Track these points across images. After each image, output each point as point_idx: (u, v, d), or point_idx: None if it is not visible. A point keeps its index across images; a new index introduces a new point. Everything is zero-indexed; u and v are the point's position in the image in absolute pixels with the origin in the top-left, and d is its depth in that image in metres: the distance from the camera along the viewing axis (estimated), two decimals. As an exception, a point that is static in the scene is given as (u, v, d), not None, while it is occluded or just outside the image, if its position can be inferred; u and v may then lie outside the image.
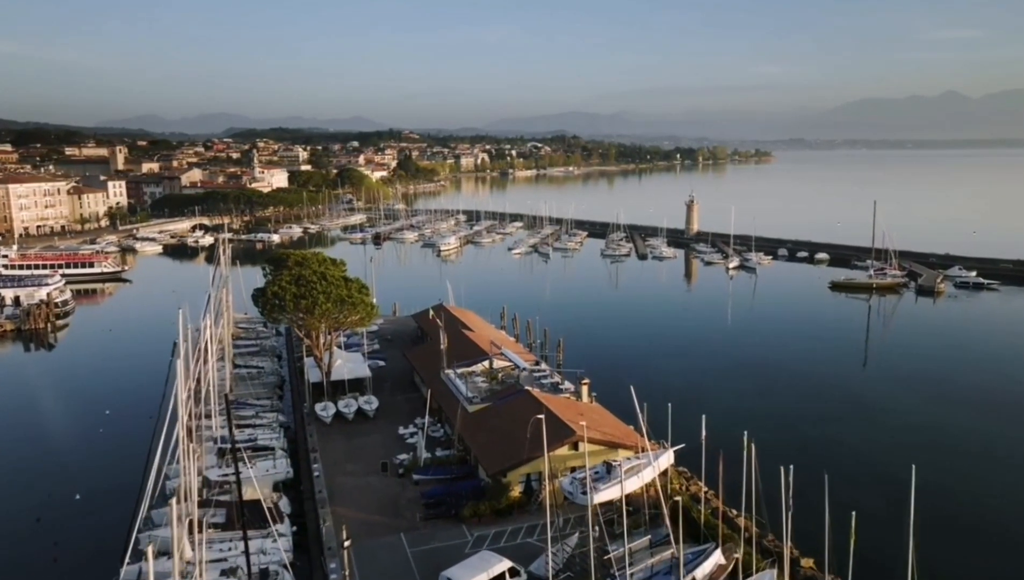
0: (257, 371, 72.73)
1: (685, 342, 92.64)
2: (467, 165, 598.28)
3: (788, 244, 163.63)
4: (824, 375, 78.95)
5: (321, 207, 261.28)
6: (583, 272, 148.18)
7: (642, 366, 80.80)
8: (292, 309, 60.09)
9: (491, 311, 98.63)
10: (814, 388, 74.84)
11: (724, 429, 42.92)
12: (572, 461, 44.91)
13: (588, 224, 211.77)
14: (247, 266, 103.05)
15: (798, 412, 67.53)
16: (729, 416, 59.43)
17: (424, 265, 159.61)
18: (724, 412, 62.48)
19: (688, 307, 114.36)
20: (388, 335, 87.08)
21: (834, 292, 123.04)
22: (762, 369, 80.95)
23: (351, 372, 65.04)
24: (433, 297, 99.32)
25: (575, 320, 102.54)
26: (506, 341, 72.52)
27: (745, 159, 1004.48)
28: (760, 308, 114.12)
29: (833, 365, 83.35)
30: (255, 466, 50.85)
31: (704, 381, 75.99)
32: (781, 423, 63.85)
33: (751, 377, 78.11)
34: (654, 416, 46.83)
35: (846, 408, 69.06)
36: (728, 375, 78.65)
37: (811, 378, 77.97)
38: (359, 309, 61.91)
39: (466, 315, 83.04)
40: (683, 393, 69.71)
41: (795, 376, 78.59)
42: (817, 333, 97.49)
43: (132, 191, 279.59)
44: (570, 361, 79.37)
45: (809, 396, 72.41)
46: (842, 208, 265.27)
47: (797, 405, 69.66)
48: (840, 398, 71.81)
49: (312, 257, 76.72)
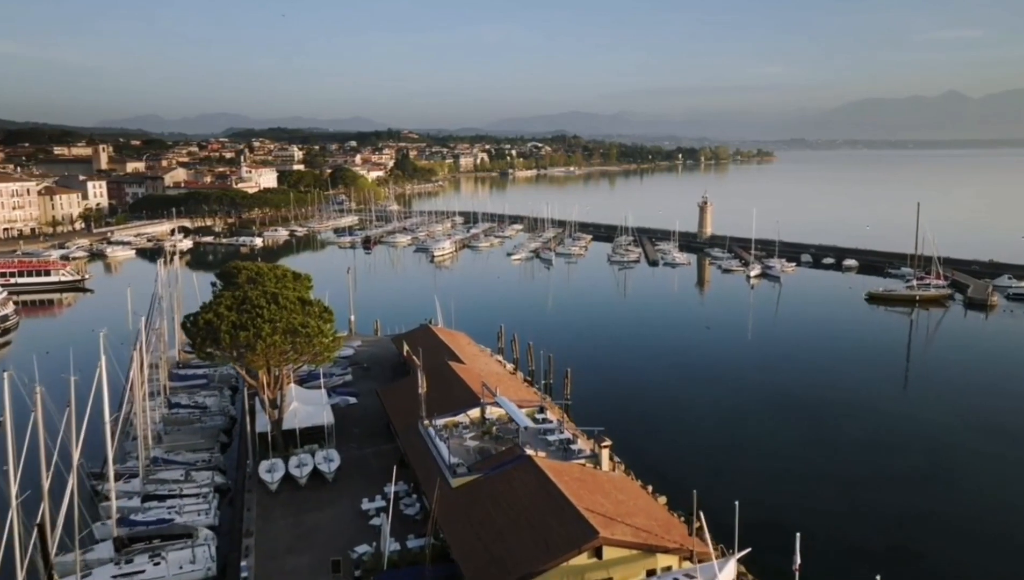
0: (199, 412, 59.54)
1: (711, 370, 79.34)
2: (466, 165, 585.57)
3: (811, 249, 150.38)
4: (890, 414, 65.91)
5: (311, 208, 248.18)
6: (589, 281, 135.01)
7: (665, 406, 67.87)
8: (228, 343, 46.96)
9: (486, 331, 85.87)
10: (879, 431, 61.84)
11: (790, 501, 29.96)
12: (593, 574, 31.94)
13: (592, 227, 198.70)
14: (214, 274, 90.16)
15: (866, 471, 54.49)
16: (784, 485, 47.07)
17: (415, 272, 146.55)
18: (778, 480, 50.08)
19: (709, 322, 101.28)
20: (365, 361, 74.00)
21: (871, 305, 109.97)
22: (806, 405, 67.92)
23: (308, 418, 52.05)
24: (422, 311, 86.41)
25: (582, 340, 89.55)
26: (502, 377, 59.29)
27: (747, 159, 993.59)
28: (790, 324, 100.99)
29: (896, 399, 70.40)
30: (166, 561, 37.99)
31: (741, 428, 62.95)
32: (844, 489, 50.99)
33: (795, 418, 65.07)
34: (691, 479, 34.29)
35: (925, 466, 56.05)
36: (769, 415, 65.53)
37: (868, 415, 64.95)
38: (315, 343, 48.81)
39: (456, 339, 70.00)
40: (721, 449, 57.24)
41: (846, 414, 65.52)
42: (861, 355, 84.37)
43: (114, 191, 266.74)
44: (580, 397, 66.56)
45: (877, 446, 59.38)
46: (866, 210, 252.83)
47: (862, 458, 56.67)
48: (922, 449, 58.78)
49: (269, 272, 63.87)
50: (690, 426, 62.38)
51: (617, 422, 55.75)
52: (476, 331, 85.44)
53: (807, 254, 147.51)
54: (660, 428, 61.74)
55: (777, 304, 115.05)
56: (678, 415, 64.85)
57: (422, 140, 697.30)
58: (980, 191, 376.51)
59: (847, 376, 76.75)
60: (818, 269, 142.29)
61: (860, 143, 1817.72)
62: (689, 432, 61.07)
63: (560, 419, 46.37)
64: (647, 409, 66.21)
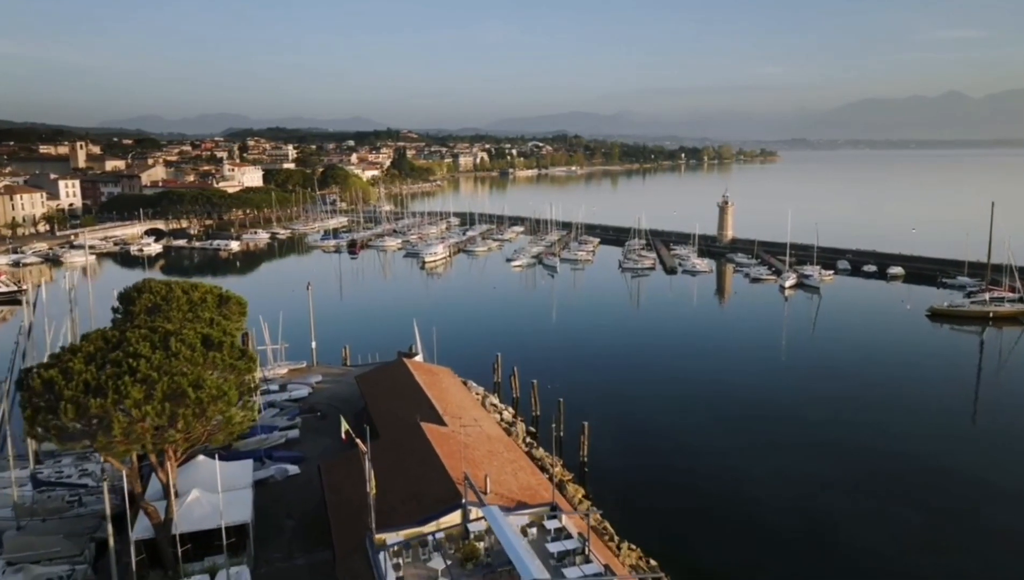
0: (74, 494, 42.81)
1: (764, 418, 62.76)
2: (466, 164, 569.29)
3: (848, 254, 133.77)
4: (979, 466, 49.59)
5: (297, 208, 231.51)
6: (599, 292, 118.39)
7: (709, 468, 51.38)
8: (72, 416, 30.42)
9: (479, 360, 69.72)
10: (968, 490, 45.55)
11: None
12: None
13: (600, 229, 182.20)
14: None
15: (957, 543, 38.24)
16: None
17: (402, 282, 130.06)
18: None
19: (745, 345, 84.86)
20: (323, 405, 57.70)
21: (934, 322, 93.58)
22: (880, 462, 51.57)
23: (212, 515, 35.51)
24: (406, 331, 69.96)
25: (596, 372, 73.10)
26: (496, 450, 42.46)
27: (750, 158, 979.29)
28: (838, 347, 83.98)
29: (989, 447, 54.03)
30: None
31: (819, 504, 46.58)
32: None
33: (867, 480, 48.76)
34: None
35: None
36: (838, 480, 49.24)
37: (951, 466, 48.62)
38: (211, 413, 32.30)
39: (437, 379, 53.64)
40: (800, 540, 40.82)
41: (924, 468, 49.21)
42: (929, 389, 68.15)
43: (89, 191, 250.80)
44: (599, 466, 50.20)
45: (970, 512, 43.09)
46: (898, 211, 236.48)
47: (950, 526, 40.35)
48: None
49: (182, 295, 47.24)
50: (754, 506, 45.88)
51: (643, 494, 39.58)
52: (466, 362, 69.39)
53: (844, 260, 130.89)
54: (710, 509, 45.36)
55: (817, 319, 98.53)
56: (733, 487, 48.31)
57: (421, 139, 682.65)
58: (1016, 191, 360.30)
59: (916, 417, 60.52)
60: (858, 277, 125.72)
61: (862, 143, 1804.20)
62: (755, 518, 44.57)
63: (584, 534, 30.03)
64: (684, 474, 49.84)
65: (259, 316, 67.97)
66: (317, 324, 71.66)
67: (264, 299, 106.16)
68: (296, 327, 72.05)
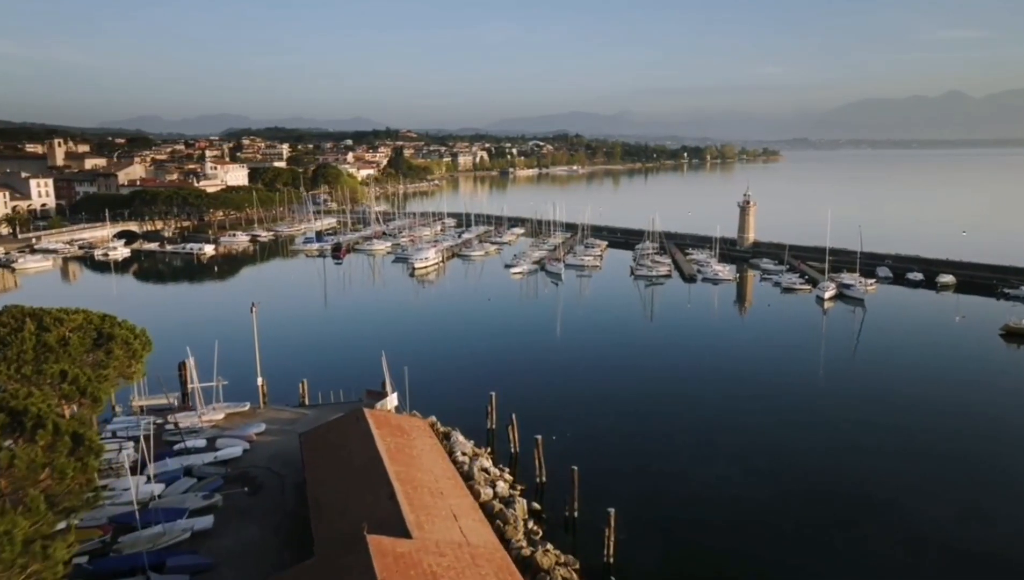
0: None
1: (826, 479, 48.67)
2: (465, 164, 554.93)
3: (887, 260, 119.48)
4: None
5: (283, 209, 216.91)
6: (610, 304, 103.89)
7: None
8: None
9: (467, 399, 55.80)
10: None
11: None
12: None
13: (607, 231, 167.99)
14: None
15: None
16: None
17: (387, 292, 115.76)
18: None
19: (782, 370, 70.75)
20: (258, 470, 43.47)
21: (1009, 343, 79.31)
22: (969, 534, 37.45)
23: None
24: (378, 361, 55.83)
25: (612, 417, 58.76)
26: (484, 569, 28.18)
27: (753, 158, 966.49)
28: (895, 375, 69.40)
29: None
30: None
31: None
32: None
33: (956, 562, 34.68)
34: None
35: None
36: (913, 556, 35.16)
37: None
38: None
39: (405, 441, 39.52)
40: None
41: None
42: (1010, 426, 54.23)
43: (64, 190, 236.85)
44: (627, 554, 36.02)
45: None
46: (928, 211, 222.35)
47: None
48: None
49: (29, 332, 33.12)
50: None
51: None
52: (452, 401, 55.39)
53: (884, 267, 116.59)
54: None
55: (862, 337, 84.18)
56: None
57: (421, 139, 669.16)
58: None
59: (1006, 471, 46.49)
60: (901, 286, 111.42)
61: (863, 143, 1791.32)
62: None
63: None
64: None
65: (187, 346, 54.04)
66: (275, 350, 57.77)
67: (216, 316, 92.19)
68: (245, 354, 58.06)
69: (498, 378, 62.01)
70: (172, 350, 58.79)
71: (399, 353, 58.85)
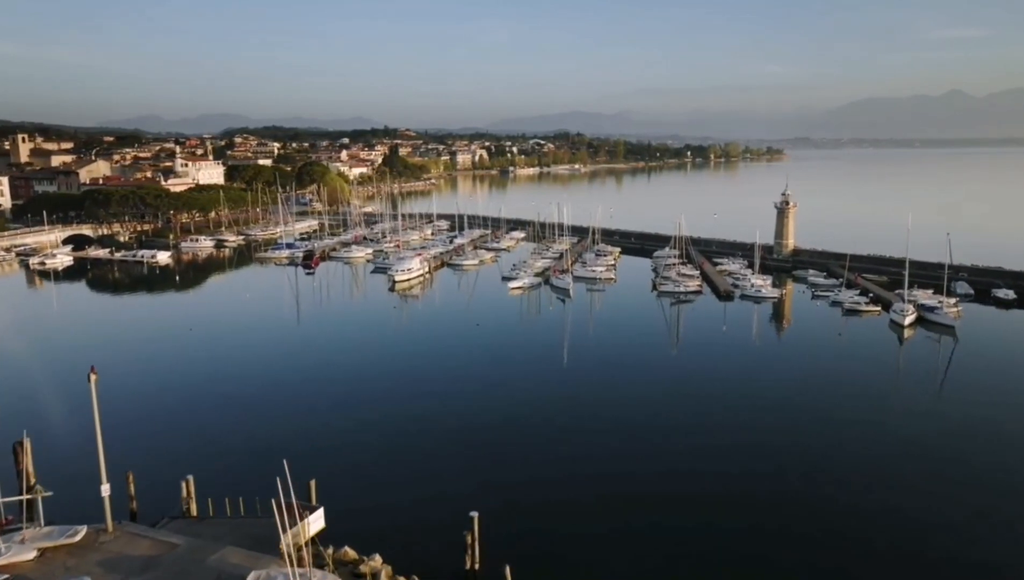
0: None
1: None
2: (465, 162, 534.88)
3: (963, 273, 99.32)
4: None
5: (259, 209, 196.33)
6: (631, 332, 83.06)
7: None
8: None
9: (434, 531, 35.62)
10: None
11: None
12: None
13: (619, 235, 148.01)
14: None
15: None
16: None
17: (356, 315, 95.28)
18: None
19: (895, 443, 50.90)
20: None
21: None
22: None
23: None
24: (307, 440, 35.57)
25: (649, 514, 38.62)
26: None
27: (757, 157, 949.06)
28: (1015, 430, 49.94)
29: None
30: None
31: None
32: None
33: None
34: None
35: None
36: None
37: None
38: None
39: None
40: None
41: None
42: None
43: (22, 189, 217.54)
44: None
45: None
46: (995, 216, 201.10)
47: None
48: None
49: None
50: None
51: None
52: (412, 531, 35.26)
53: (962, 282, 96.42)
54: None
55: (947, 374, 64.17)
56: None
57: (419, 137, 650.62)
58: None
59: None
60: (984, 305, 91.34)
61: (866, 142, 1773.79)
62: None
63: None
64: None
65: (30, 419, 34.16)
66: (163, 423, 37.88)
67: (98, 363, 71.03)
68: (114, 440, 37.92)
69: (480, 465, 41.97)
70: (14, 419, 39.12)
71: (346, 430, 38.90)
